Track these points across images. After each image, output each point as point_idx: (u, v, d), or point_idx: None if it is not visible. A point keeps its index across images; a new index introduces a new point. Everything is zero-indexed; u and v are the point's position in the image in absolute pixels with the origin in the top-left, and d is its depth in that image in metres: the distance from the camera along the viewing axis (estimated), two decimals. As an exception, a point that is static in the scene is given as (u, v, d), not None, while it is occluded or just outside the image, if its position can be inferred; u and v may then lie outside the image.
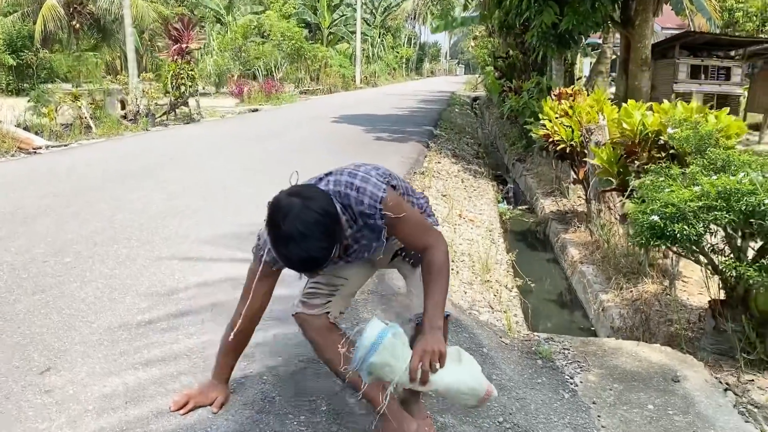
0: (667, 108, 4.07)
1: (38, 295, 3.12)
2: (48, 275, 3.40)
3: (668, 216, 3.02)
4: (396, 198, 1.90)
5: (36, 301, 3.04)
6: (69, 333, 2.69)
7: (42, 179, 6.30)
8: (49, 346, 2.56)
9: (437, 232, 1.98)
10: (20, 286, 3.23)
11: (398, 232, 1.92)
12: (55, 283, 3.27)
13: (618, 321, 4.04)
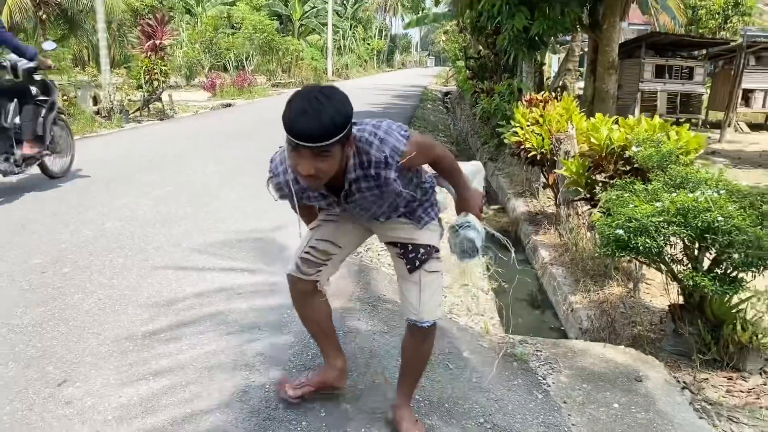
0: (632, 123, 4.37)
1: (43, 306, 3.27)
2: (49, 286, 3.55)
3: (632, 230, 3.30)
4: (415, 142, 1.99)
5: (42, 313, 3.20)
6: (78, 345, 2.87)
7: (25, 183, 6.37)
8: (62, 358, 2.74)
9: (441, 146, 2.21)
10: (24, 298, 3.38)
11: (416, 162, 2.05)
12: (58, 295, 3.43)
13: (586, 323, 4.33)
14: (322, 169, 1.81)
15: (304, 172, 1.82)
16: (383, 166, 1.94)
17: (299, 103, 1.78)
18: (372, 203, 2.08)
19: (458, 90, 23.28)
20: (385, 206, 2.12)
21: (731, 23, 23.35)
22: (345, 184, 1.99)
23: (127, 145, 9.42)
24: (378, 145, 1.93)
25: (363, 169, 1.96)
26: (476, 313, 4.18)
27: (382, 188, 2.01)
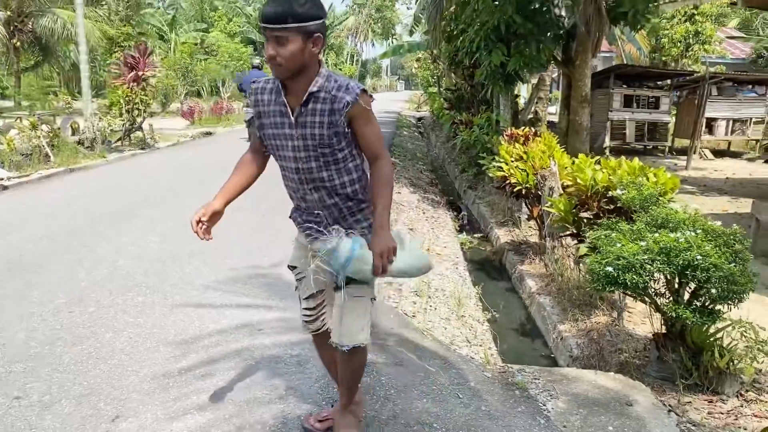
0: (614, 165, 4.76)
1: (79, 345, 3.49)
2: (80, 326, 3.76)
3: (621, 267, 3.65)
4: (371, 107, 2.29)
5: (80, 351, 3.41)
6: (121, 382, 3.09)
7: (28, 220, 6.53)
8: (110, 395, 2.96)
9: (387, 152, 2.40)
10: (59, 338, 3.58)
11: (360, 126, 2.28)
12: (90, 334, 3.64)
13: (576, 350, 4.66)
14: (281, 54, 2.10)
15: (267, 54, 2.13)
16: (344, 91, 2.20)
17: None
18: (314, 133, 2.25)
19: (432, 116, 23.82)
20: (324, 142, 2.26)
21: (692, 51, 24.30)
22: (304, 98, 2.22)
23: (119, 179, 9.58)
24: (344, 79, 2.24)
25: (326, 91, 2.22)
26: (475, 344, 4.48)
27: (328, 116, 2.23)
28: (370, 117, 2.30)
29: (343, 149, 2.30)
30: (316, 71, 2.23)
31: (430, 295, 5.08)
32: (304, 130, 2.26)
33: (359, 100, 2.22)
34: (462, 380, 3.62)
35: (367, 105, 2.26)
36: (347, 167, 2.34)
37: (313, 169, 2.32)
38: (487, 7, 9.57)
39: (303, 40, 2.11)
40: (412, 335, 4.14)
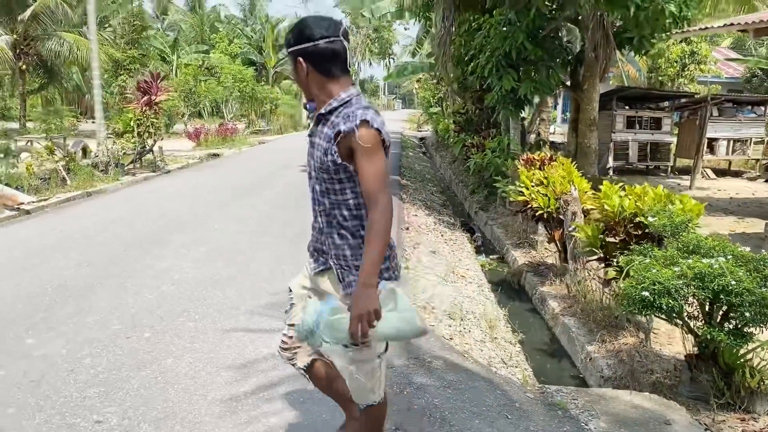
0: (639, 192, 4.97)
1: (144, 370, 3.65)
2: (140, 351, 3.92)
3: (656, 292, 3.84)
4: (376, 138, 2.15)
5: (145, 376, 3.57)
6: (192, 406, 3.25)
7: (62, 246, 6.69)
8: (185, 419, 3.12)
9: (389, 192, 2.18)
10: (123, 363, 3.74)
11: (357, 159, 2.14)
12: (151, 359, 3.81)
13: (607, 371, 4.83)
14: (292, 74, 2.34)
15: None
16: (345, 120, 2.15)
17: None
18: (316, 155, 2.26)
19: (435, 137, 24.11)
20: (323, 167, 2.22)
21: (688, 71, 24.71)
22: (316, 117, 2.29)
23: (140, 204, 9.75)
24: (354, 108, 2.17)
25: (336, 115, 2.19)
26: (511, 365, 4.65)
27: (326, 142, 2.20)
28: (370, 152, 2.13)
29: (342, 180, 2.23)
30: (331, 94, 2.22)
31: (462, 318, 5.25)
32: (313, 150, 2.31)
33: (356, 131, 2.11)
34: (507, 401, 3.79)
35: (367, 137, 2.12)
36: (347, 202, 2.25)
37: (317, 193, 2.32)
38: (498, 34, 9.84)
39: (293, 65, 2.26)
40: (454, 357, 4.31)
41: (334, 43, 2.19)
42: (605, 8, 8.71)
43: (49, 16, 24.90)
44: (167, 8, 49.86)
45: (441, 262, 7.06)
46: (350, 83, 2.26)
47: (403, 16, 21.47)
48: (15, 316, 4.54)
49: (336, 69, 2.21)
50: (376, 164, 2.14)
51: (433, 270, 6.61)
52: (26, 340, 4.08)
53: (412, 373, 3.86)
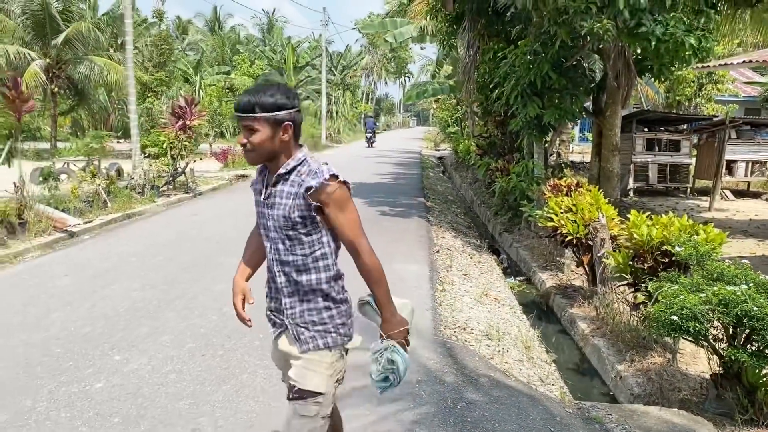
0: (665, 222, 5.37)
1: (224, 385, 4.09)
2: (216, 368, 4.36)
3: (684, 316, 4.23)
4: (345, 190, 2.31)
5: (227, 390, 4.01)
6: (275, 416, 3.68)
7: (121, 269, 7.17)
8: (271, 427, 3.54)
9: (366, 237, 2.35)
10: (204, 378, 4.19)
11: (331, 213, 2.28)
12: (229, 375, 4.25)
13: (636, 389, 5.20)
14: (251, 141, 2.26)
15: (239, 141, 2.31)
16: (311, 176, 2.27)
17: (252, 86, 2.36)
18: (278, 214, 2.32)
19: (455, 157, 24.57)
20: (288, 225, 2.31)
21: (705, 91, 25.00)
22: (274, 178, 2.34)
23: (184, 227, 10.23)
24: (317, 165, 2.32)
25: (297, 174, 2.31)
26: (548, 383, 5.04)
27: (293, 199, 2.29)
28: (343, 204, 2.29)
29: (309, 234, 2.32)
30: (291, 155, 2.33)
31: (499, 339, 5.64)
32: (273, 211, 2.34)
33: (326, 185, 2.25)
34: (549, 415, 4.17)
35: (338, 190, 2.26)
36: (314, 255, 2.35)
37: (281, 252, 2.37)
38: (524, 64, 10.29)
39: (271, 129, 2.25)
40: (497, 375, 4.71)
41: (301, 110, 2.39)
42: (627, 41, 9.14)
43: (80, 40, 25.79)
44: (187, 28, 51.09)
45: (473, 284, 7.46)
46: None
47: (425, 40, 22.07)
48: (97, 335, 5.01)
49: (299, 133, 2.37)
50: (350, 214, 2.31)
51: (467, 292, 7.01)
52: (113, 357, 4.54)
53: (463, 389, 4.27)
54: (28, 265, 7.67)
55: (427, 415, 3.81)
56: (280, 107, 2.26)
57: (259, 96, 2.25)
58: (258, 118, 2.25)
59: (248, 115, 2.25)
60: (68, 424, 3.60)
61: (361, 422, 3.67)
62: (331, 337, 2.43)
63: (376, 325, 2.45)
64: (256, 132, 2.25)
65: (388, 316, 2.38)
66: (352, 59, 57.82)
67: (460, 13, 13.20)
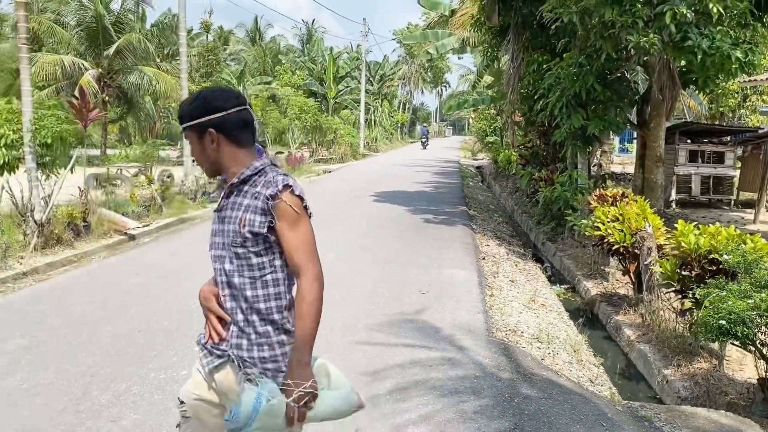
0: (713, 231, 5.56)
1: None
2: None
3: (732, 321, 4.43)
4: (299, 204, 2.08)
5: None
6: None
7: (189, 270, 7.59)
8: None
9: (318, 262, 2.11)
10: (278, 369, 4.54)
11: (281, 229, 2.05)
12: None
13: (683, 392, 5.38)
14: (193, 151, 2.19)
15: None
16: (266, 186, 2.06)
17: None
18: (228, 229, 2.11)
19: (494, 166, 24.73)
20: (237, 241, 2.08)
21: (750, 102, 24.72)
22: (227, 189, 2.17)
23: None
24: (275, 174, 2.12)
25: (251, 184, 2.11)
26: (597, 384, 5.26)
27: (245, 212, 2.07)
28: (295, 219, 2.07)
29: (260, 254, 2.09)
30: (241, 163, 2.13)
31: (549, 342, 5.88)
32: (223, 225, 2.15)
33: (280, 196, 2.03)
34: (600, 412, 4.41)
35: (292, 203, 2.05)
36: (264, 278, 2.10)
37: (228, 272, 2.13)
38: (568, 76, 10.50)
39: (198, 137, 2.12)
40: (550, 375, 4.96)
41: (243, 112, 2.14)
42: (672, 54, 9.31)
43: (131, 51, 26.78)
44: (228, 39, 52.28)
45: (520, 290, 7.70)
46: (261, 154, 2.20)
47: (465, 51, 22.37)
48: (174, 328, 5.41)
49: (247, 138, 2.15)
50: (302, 232, 2.07)
51: (515, 298, 7.26)
52: (193, 347, 4.90)
53: (518, 385, 4.53)
54: (100, 264, 8.18)
55: (487, 406, 4.08)
56: (201, 114, 2.10)
57: (185, 105, 2.17)
58: (187, 128, 2.15)
59: (182, 126, 2.18)
60: (161, 405, 3.98)
61: (427, 410, 3.97)
62: (281, 377, 2.09)
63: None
64: (192, 142, 2.16)
65: (293, 361, 2.06)
66: (390, 69, 58.37)
67: (504, 25, 13.45)
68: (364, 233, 10.38)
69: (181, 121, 2.16)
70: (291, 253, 2.08)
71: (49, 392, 4.17)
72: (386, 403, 4.04)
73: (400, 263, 8.21)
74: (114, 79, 27.18)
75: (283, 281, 2.15)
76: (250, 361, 2.08)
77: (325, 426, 2.28)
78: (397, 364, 4.70)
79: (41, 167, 9.24)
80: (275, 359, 2.10)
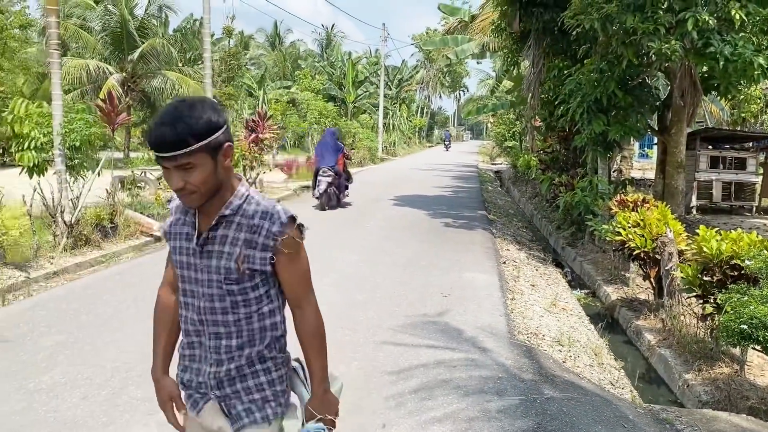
0: (735, 237, 5.60)
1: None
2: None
3: (753, 325, 4.49)
4: (300, 236, 1.95)
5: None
6: (372, 400, 4.12)
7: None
8: (369, 409, 3.99)
9: (314, 296, 2.05)
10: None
11: (283, 263, 1.92)
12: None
13: (704, 396, 5.42)
14: (191, 181, 1.77)
15: (174, 187, 1.77)
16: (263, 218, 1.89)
17: (160, 114, 1.76)
18: (219, 265, 1.91)
19: (513, 171, 24.75)
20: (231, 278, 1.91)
21: (773, 107, 24.47)
22: (214, 221, 1.90)
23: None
24: (269, 204, 1.93)
25: (242, 215, 1.90)
26: (618, 387, 5.33)
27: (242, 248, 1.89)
28: (298, 253, 1.95)
29: (257, 288, 1.94)
30: (233, 190, 1.91)
31: (570, 345, 5.95)
32: (210, 261, 1.91)
33: (286, 231, 1.89)
34: (621, 414, 4.48)
35: (296, 237, 1.92)
36: (261, 312, 1.96)
37: (217, 310, 1.93)
38: (589, 81, 10.55)
39: (213, 158, 1.80)
40: (571, 377, 5.04)
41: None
42: (694, 60, 9.34)
43: (154, 55, 27.22)
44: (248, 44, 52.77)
45: (541, 294, 7.77)
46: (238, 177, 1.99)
47: (485, 56, 22.44)
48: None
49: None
50: (303, 264, 1.99)
51: (536, 302, 7.33)
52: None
53: (541, 386, 4.62)
54: (128, 265, 8.39)
55: (510, 406, 4.18)
56: (216, 126, 1.80)
57: (187, 122, 1.74)
58: (194, 151, 1.75)
59: (181, 152, 1.74)
60: (195, 400, 4.13)
61: (452, 408, 4.07)
62: (270, 408, 1.99)
63: (298, 398, 2.08)
64: (196, 168, 1.77)
65: (319, 392, 2.04)
66: (408, 73, 58.53)
67: (525, 31, 13.54)
68: (385, 236, 10.51)
69: (191, 140, 1.74)
70: (292, 286, 1.98)
71: (88, 386, 4.35)
72: (411, 401, 4.15)
73: (422, 266, 8.32)
74: (137, 84, 27.64)
75: (278, 309, 2.02)
76: (234, 396, 1.97)
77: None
78: (421, 364, 4.81)
79: (70, 169, 9.47)
80: (261, 388, 1.98)
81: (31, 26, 28.89)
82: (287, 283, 1.97)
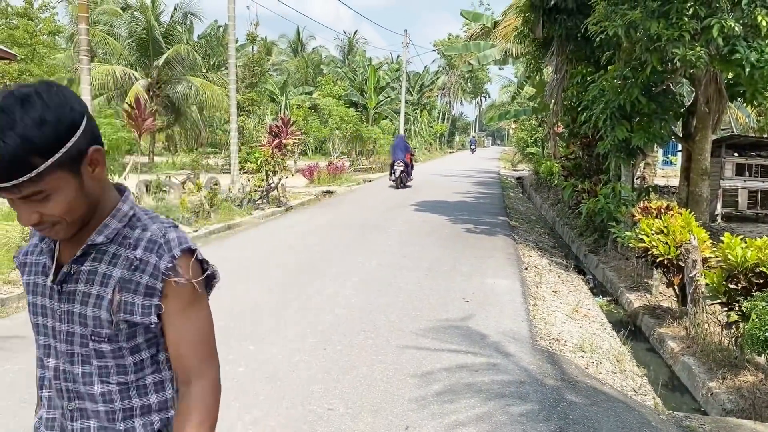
0: (760, 244, 5.56)
1: (348, 375, 4.62)
2: (338, 361, 4.91)
3: (779, 333, 4.46)
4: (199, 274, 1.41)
5: (351, 379, 4.55)
6: (394, 402, 4.17)
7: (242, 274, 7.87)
8: (391, 411, 4.04)
9: (218, 363, 1.47)
10: (330, 368, 4.74)
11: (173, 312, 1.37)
12: (350, 367, 4.78)
13: (728, 404, 5.38)
14: (51, 212, 1.25)
15: (25, 223, 1.25)
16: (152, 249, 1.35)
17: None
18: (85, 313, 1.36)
19: (535, 177, 24.67)
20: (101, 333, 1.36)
21: (799, 112, 24.12)
22: (79, 251, 1.35)
23: (285, 238, 10.90)
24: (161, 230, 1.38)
25: (120, 243, 1.37)
26: (641, 393, 5.32)
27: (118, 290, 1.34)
28: (195, 299, 1.40)
29: (138, 350, 1.39)
30: (109, 208, 1.38)
31: (592, 351, 5.95)
32: (71, 306, 1.37)
33: (177, 266, 1.35)
34: (644, 420, 4.48)
35: (189, 278, 1.37)
36: (143, 383, 1.42)
37: (79, 377, 1.39)
38: (613, 87, 10.52)
39: (74, 173, 1.25)
40: (594, 383, 5.04)
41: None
42: (719, 67, 9.28)
43: (179, 62, 27.63)
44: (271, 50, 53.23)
45: (563, 300, 7.76)
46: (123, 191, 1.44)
47: (507, 63, 22.42)
48: (230, 328, 5.66)
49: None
50: (201, 317, 1.42)
51: (558, 308, 7.33)
52: (248, 346, 5.17)
53: (563, 392, 4.63)
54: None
55: (532, 411, 4.20)
56: (71, 126, 1.22)
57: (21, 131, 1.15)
58: (45, 173, 1.19)
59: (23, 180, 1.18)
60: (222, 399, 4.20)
61: (475, 412, 4.10)
62: None
63: None
64: (52, 195, 1.23)
65: None
66: (429, 79, 58.60)
67: (548, 38, 13.52)
68: (407, 241, 10.56)
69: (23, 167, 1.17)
70: (182, 350, 1.40)
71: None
72: (435, 404, 4.19)
73: (443, 271, 8.35)
74: (162, 89, 28.08)
75: (169, 381, 1.45)
76: None
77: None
78: (444, 368, 4.84)
79: (99, 173, 9.66)
80: None
81: (60, 33, 29.53)
82: (173, 343, 1.40)
